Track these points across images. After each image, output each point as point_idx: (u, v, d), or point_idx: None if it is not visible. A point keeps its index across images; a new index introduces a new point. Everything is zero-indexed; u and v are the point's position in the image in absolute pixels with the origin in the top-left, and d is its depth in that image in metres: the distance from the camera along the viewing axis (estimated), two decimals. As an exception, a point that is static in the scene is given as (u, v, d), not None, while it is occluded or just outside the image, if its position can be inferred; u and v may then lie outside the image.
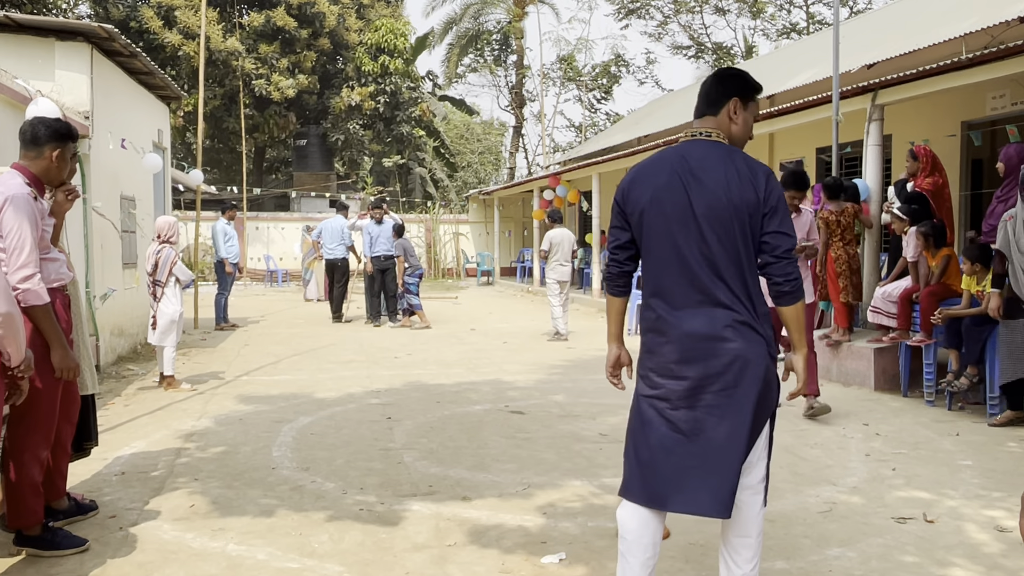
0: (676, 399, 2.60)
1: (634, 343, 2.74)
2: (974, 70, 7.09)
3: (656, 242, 2.65)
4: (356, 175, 32.40)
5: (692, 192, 2.60)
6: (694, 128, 2.77)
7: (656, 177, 2.67)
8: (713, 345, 2.56)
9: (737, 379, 2.55)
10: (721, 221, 2.57)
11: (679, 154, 2.69)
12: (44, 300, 3.41)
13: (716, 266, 2.57)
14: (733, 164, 2.64)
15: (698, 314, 2.58)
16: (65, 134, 3.64)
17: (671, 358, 2.61)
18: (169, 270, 7.26)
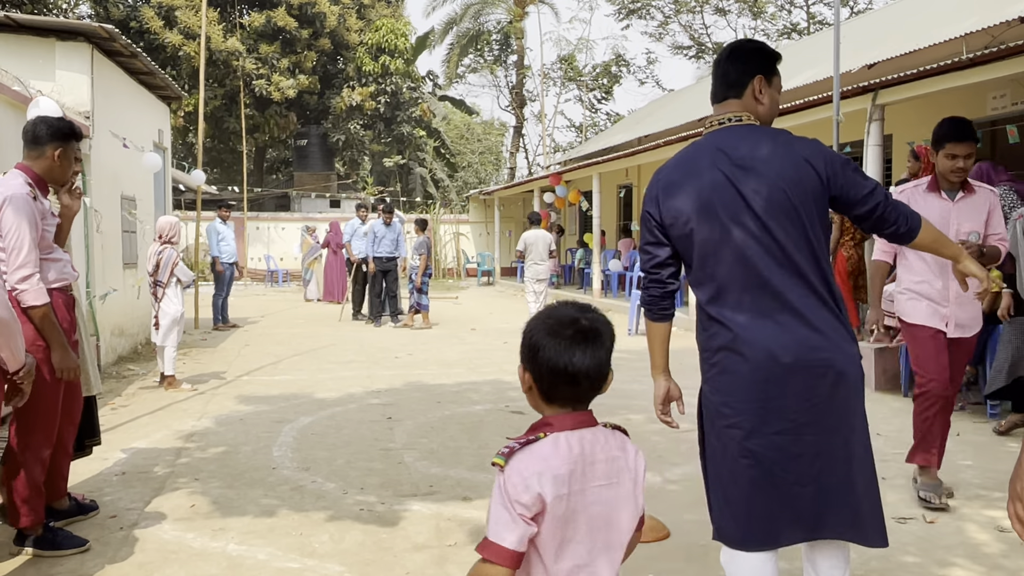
0: (765, 423, 2.27)
1: (635, 343, 2.72)
2: (974, 70, 7.09)
3: (713, 250, 2.31)
4: (356, 175, 32.41)
5: (742, 185, 2.28)
6: (718, 115, 2.46)
7: (696, 178, 2.34)
8: (799, 362, 2.25)
9: (832, 388, 2.27)
10: (785, 211, 2.26)
11: (714, 147, 2.37)
12: (43, 300, 3.41)
13: (789, 263, 2.27)
14: (779, 145, 2.33)
15: (775, 329, 2.26)
16: (68, 133, 3.65)
17: (754, 378, 2.27)
18: (171, 270, 7.26)
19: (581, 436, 1.63)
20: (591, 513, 1.60)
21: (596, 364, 1.62)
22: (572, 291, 18.35)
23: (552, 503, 1.54)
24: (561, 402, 1.65)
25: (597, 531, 1.61)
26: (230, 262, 12.36)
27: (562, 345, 1.60)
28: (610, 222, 20.14)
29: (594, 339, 1.63)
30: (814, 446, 2.28)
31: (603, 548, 1.62)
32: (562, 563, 1.58)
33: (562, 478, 1.56)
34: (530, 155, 37.87)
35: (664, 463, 4.92)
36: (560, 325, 1.63)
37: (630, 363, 8.88)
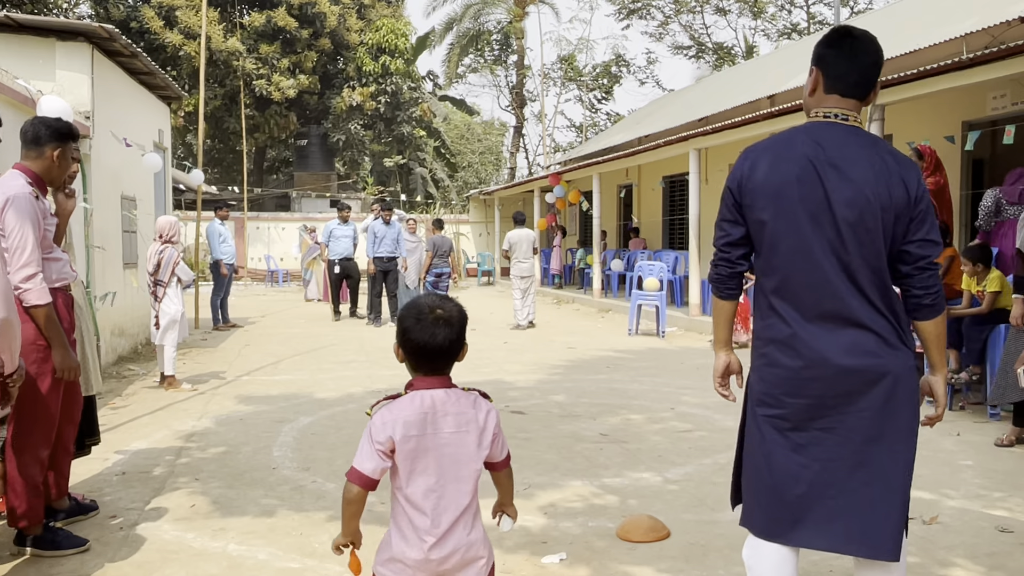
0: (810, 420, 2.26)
1: (635, 343, 2.72)
2: (975, 70, 7.10)
3: (783, 242, 2.26)
4: (357, 175, 32.42)
5: (830, 185, 2.22)
6: (826, 107, 2.35)
7: (786, 165, 2.27)
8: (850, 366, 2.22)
9: (888, 397, 2.22)
10: (864, 222, 2.20)
11: (811, 139, 2.29)
12: (46, 300, 3.42)
13: (854, 274, 2.22)
14: (879, 156, 2.24)
15: (833, 331, 2.23)
16: (66, 134, 3.65)
17: (804, 376, 2.25)
18: (171, 270, 7.26)
19: (434, 395, 2.12)
20: (442, 452, 2.09)
21: (448, 342, 2.14)
22: (572, 291, 18.34)
23: (400, 442, 2.05)
24: (424, 370, 2.16)
25: (446, 466, 2.09)
26: (230, 262, 12.34)
27: (423, 327, 2.11)
28: (610, 222, 20.13)
29: (447, 323, 2.13)
30: (858, 454, 2.25)
31: (452, 479, 2.10)
32: (414, 487, 2.08)
33: (411, 424, 2.06)
34: (530, 155, 37.90)
35: (664, 463, 4.92)
36: (422, 312, 2.13)
37: (630, 363, 8.88)
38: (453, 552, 2.09)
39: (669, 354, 9.52)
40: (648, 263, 12.45)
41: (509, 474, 2.33)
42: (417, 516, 2.09)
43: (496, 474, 2.29)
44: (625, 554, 3.51)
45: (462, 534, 2.10)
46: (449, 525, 2.08)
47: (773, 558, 2.34)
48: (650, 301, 11.52)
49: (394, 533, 2.15)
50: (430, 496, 2.08)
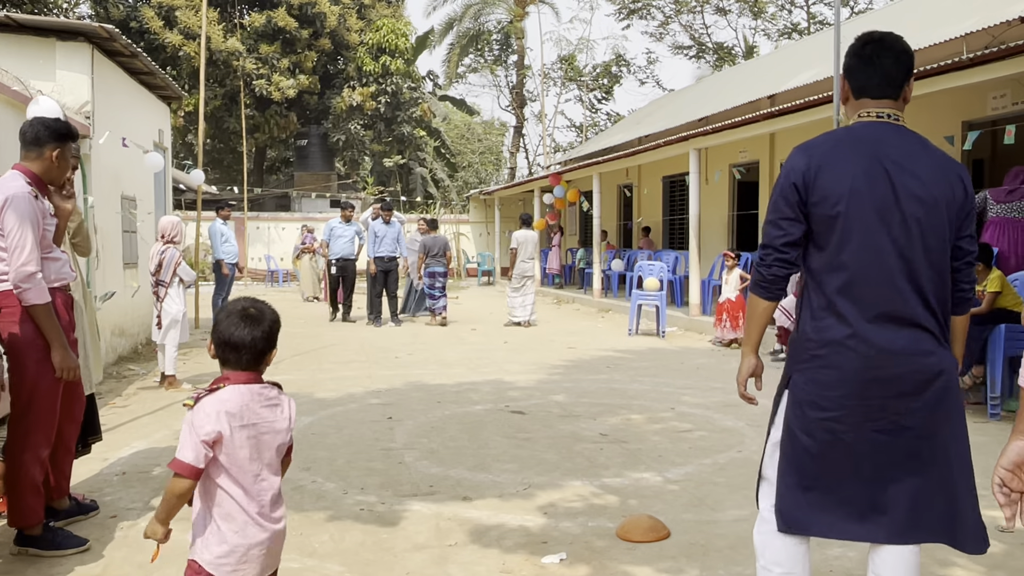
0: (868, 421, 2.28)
1: (635, 343, 2.72)
2: (975, 70, 7.10)
3: (853, 239, 2.25)
4: (357, 175, 32.41)
5: (898, 183, 2.23)
6: (876, 108, 2.36)
7: (854, 163, 2.26)
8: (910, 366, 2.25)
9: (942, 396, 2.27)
10: (930, 220, 2.25)
11: (874, 137, 2.30)
12: (45, 299, 3.42)
13: (916, 273, 2.25)
14: (935, 154, 2.31)
15: (893, 332, 2.25)
16: (65, 134, 3.65)
17: (864, 377, 2.25)
18: (173, 270, 7.26)
19: (250, 388, 2.27)
20: (261, 440, 2.26)
21: (252, 339, 2.26)
22: (572, 291, 18.34)
23: (228, 433, 2.19)
24: (231, 365, 2.28)
25: (264, 453, 2.28)
26: (232, 262, 12.34)
27: (231, 324, 2.25)
28: (610, 222, 20.13)
29: (254, 322, 2.27)
30: (913, 448, 2.28)
31: (268, 464, 2.29)
32: (246, 473, 2.23)
33: (234, 415, 2.21)
34: (530, 155, 37.90)
35: (664, 463, 4.92)
36: (233, 310, 2.29)
37: (630, 363, 8.88)
38: (273, 535, 2.29)
39: (669, 354, 9.52)
40: (648, 263, 12.46)
41: (288, 462, 2.46)
42: (246, 502, 2.24)
43: (285, 460, 2.43)
44: (625, 554, 3.51)
45: (279, 513, 2.33)
46: (271, 507, 2.30)
47: (791, 543, 2.40)
48: (650, 301, 11.52)
49: (222, 525, 2.23)
50: (257, 482, 2.26)
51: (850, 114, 2.44)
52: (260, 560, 2.27)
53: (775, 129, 11.01)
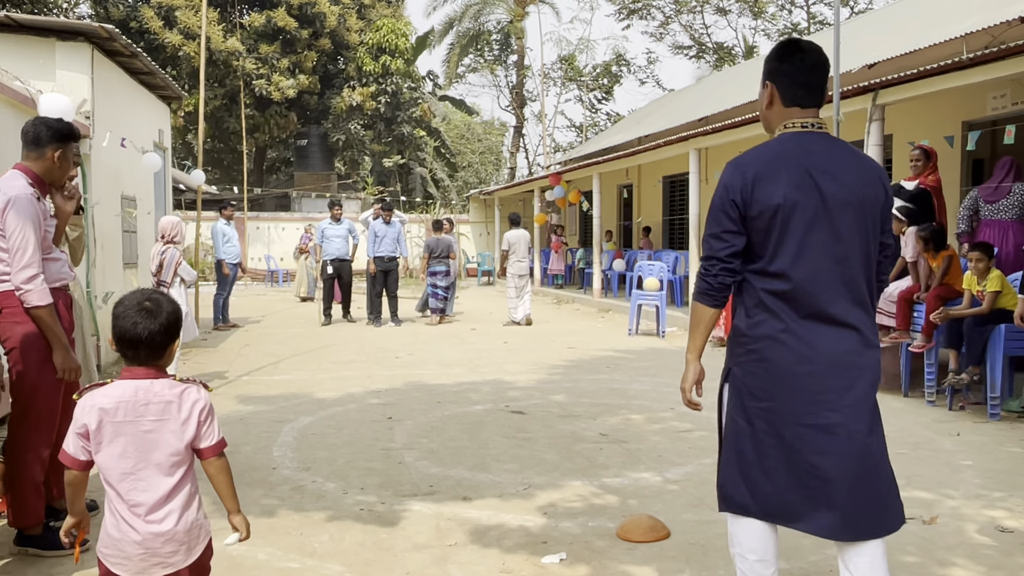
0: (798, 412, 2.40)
1: (635, 343, 2.73)
2: (975, 70, 7.10)
3: (785, 246, 2.41)
4: (357, 175, 32.40)
5: (825, 191, 2.39)
6: (802, 119, 2.50)
7: (786, 175, 2.40)
8: (840, 362, 2.39)
9: (864, 390, 2.41)
10: (856, 222, 2.41)
11: (802, 148, 2.44)
12: (47, 301, 3.42)
13: (848, 275, 2.41)
14: (857, 160, 2.47)
15: (824, 329, 2.39)
16: (67, 134, 3.65)
17: (796, 370, 2.39)
18: (174, 270, 7.26)
19: (139, 384, 2.26)
20: (142, 439, 2.22)
21: (149, 334, 2.26)
22: (572, 291, 18.34)
23: (95, 427, 2.21)
24: (129, 360, 2.31)
25: (145, 451, 2.22)
26: (234, 262, 12.37)
27: (126, 318, 2.26)
28: (610, 222, 20.13)
29: (148, 315, 2.26)
30: (844, 443, 2.39)
31: (152, 463, 2.23)
32: (111, 471, 2.22)
33: (107, 411, 2.21)
34: (530, 155, 37.90)
35: (664, 463, 4.92)
36: (130, 304, 2.29)
37: (630, 363, 8.88)
38: (148, 538, 2.21)
39: (669, 354, 9.51)
40: (648, 263, 12.46)
41: (220, 468, 2.35)
42: (116, 500, 2.24)
43: (204, 463, 2.33)
44: (625, 554, 3.51)
45: (166, 519, 2.23)
46: (149, 509, 2.22)
47: (757, 527, 2.51)
48: (650, 301, 11.53)
49: (108, 517, 2.27)
50: (126, 479, 2.23)
51: (775, 121, 2.56)
52: (141, 558, 2.22)
53: (775, 129, 10.99)
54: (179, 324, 2.35)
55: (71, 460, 2.25)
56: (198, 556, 2.33)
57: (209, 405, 2.32)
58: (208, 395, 2.34)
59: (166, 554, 2.24)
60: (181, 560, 2.27)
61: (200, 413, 2.29)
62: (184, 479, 2.29)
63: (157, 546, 2.23)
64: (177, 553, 2.26)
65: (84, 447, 2.24)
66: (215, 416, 2.35)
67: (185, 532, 2.27)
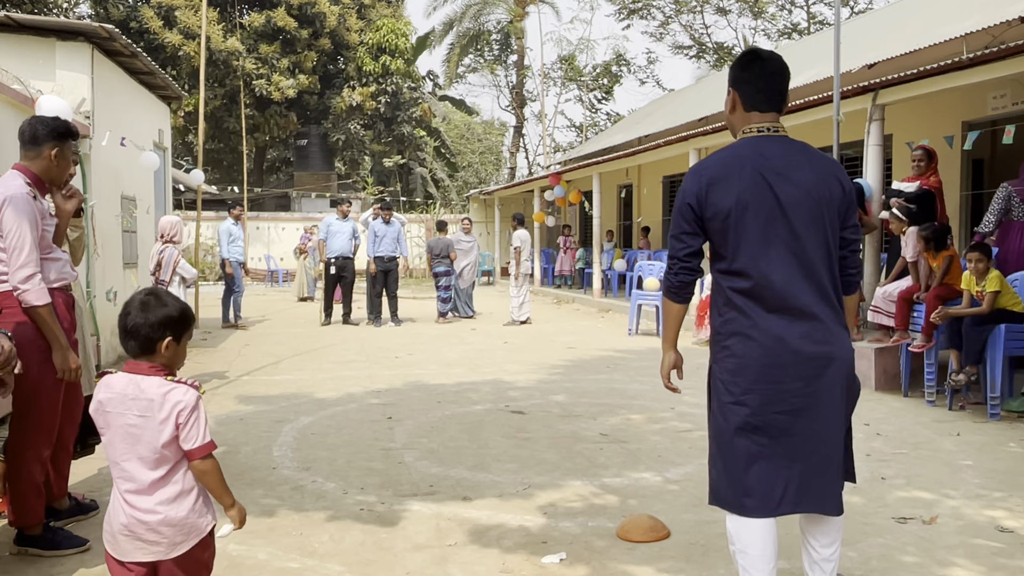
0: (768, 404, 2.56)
1: (635, 343, 2.74)
2: (975, 70, 7.09)
3: (743, 245, 2.56)
4: (357, 175, 32.40)
5: (779, 191, 2.54)
6: (759, 123, 2.66)
7: (738, 178, 2.56)
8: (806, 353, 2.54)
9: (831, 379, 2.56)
10: (812, 218, 2.55)
11: (755, 151, 2.60)
12: (45, 300, 3.42)
13: (808, 269, 2.55)
14: (814, 159, 2.61)
15: (790, 322, 2.54)
16: (64, 133, 3.64)
17: (763, 362, 2.55)
18: (173, 269, 7.27)
19: (130, 378, 2.34)
20: (126, 431, 2.32)
21: (133, 324, 2.33)
22: (573, 291, 18.33)
23: (94, 412, 2.36)
24: (127, 352, 2.39)
25: (130, 443, 2.32)
26: (238, 261, 12.53)
27: (124, 310, 2.35)
28: (610, 222, 20.13)
29: (142, 309, 2.34)
30: (808, 428, 2.57)
31: (135, 456, 2.32)
32: (109, 455, 2.36)
33: (102, 401, 2.34)
34: (530, 155, 37.90)
35: (664, 463, 4.92)
36: (132, 299, 2.38)
37: (630, 363, 8.88)
38: (132, 522, 2.31)
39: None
40: (648, 263, 12.47)
41: (204, 471, 2.40)
42: (115, 481, 2.38)
43: (191, 464, 2.39)
44: (625, 554, 3.51)
45: (149, 511, 2.32)
46: (134, 497, 2.33)
47: (756, 527, 2.61)
48: (650, 301, 11.53)
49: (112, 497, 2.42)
50: (115, 467, 2.36)
51: (737, 125, 2.74)
52: (125, 539, 2.32)
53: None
54: (180, 323, 2.38)
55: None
56: (184, 552, 2.36)
57: (192, 407, 2.32)
58: (194, 398, 2.34)
59: (148, 541, 2.32)
60: (162, 551, 2.32)
61: (179, 415, 2.31)
62: (170, 475, 2.35)
63: (140, 532, 2.31)
64: (159, 544, 2.32)
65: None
66: (201, 419, 2.35)
67: (169, 527, 2.32)
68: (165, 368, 2.37)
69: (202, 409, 2.37)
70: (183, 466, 2.37)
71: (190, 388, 2.35)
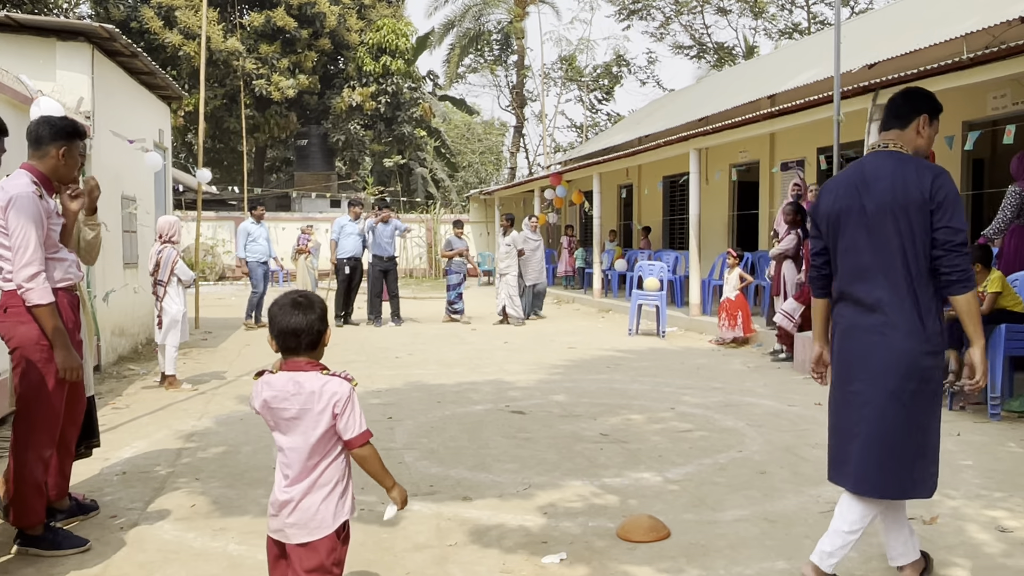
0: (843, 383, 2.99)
1: (635, 343, 2.74)
2: (975, 70, 7.09)
3: (839, 247, 3.02)
4: (357, 175, 32.41)
5: (864, 199, 2.93)
6: (879, 140, 3.08)
7: (838, 189, 3.04)
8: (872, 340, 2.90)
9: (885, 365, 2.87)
10: (894, 223, 2.87)
11: (859, 166, 3.05)
12: (48, 300, 3.42)
13: (885, 264, 2.89)
14: (903, 170, 2.91)
15: (863, 313, 2.94)
16: (71, 132, 3.65)
17: (841, 347, 3.01)
18: (171, 270, 7.27)
19: (289, 375, 2.53)
20: (288, 423, 2.50)
21: (307, 323, 2.52)
22: (573, 291, 18.34)
23: (261, 409, 2.55)
24: (288, 352, 2.57)
25: (294, 435, 2.50)
26: (262, 261, 12.54)
27: (285, 315, 2.53)
28: (611, 222, 20.12)
29: (305, 308, 2.53)
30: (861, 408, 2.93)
31: (298, 447, 2.49)
32: (279, 443, 2.53)
33: (269, 399, 2.51)
34: (530, 155, 37.90)
35: (664, 463, 4.92)
36: (284, 302, 2.57)
37: (630, 363, 8.88)
38: (285, 507, 2.49)
39: (669, 354, 9.51)
40: (648, 263, 12.46)
41: (368, 455, 2.54)
42: (277, 471, 2.57)
43: (352, 452, 2.55)
44: (625, 554, 3.51)
45: (300, 496, 2.49)
46: (288, 484, 2.51)
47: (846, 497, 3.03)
48: (650, 301, 11.52)
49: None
50: (281, 456, 2.53)
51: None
52: (273, 518, 2.52)
53: (775, 129, 11.00)
54: (326, 318, 2.62)
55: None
56: (312, 541, 2.48)
57: (348, 398, 2.49)
58: (349, 389, 2.51)
59: (287, 523, 2.49)
60: (295, 535, 2.48)
61: (336, 405, 2.48)
62: (318, 467, 2.51)
63: (284, 514, 2.49)
64: (294, 527, 2.48)
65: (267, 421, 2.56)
66: (356, 409, 2.51)
67: (301, 513, 2.48)
68: (320, 363, 2.55)
69: (356, 400, 2.53)
70: (327, 460, 2.51)
71: (344, 380, 2.52)
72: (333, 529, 2.49)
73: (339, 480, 2.53)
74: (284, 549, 2.52)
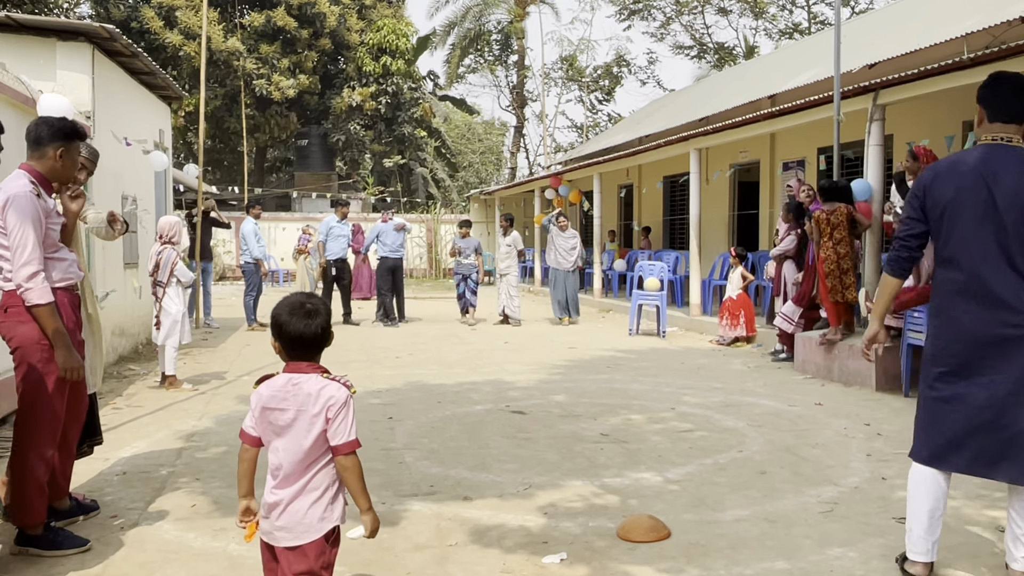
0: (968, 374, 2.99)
1: (636, 343, 2.73)
2: (975, 70, 7.09)
3: (955, 234, 3.01)
4: (357, 175, 32.42)
5: (995, 192, 2.94)
6: (995, 133, 3.05)
7: (960, 178, 3.01)
8: (996, 332, 2.93)
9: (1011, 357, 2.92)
10: (1019, 216, 2.91)
11: (982, 158, 3.02)
12: (47, 299, 3.42)
13: (1012, 259, 2.92)
14: None
15: (982, 303, 2.95)
16: (69, 133, 3.65)
17: (958, 337, 3.00)
18: (170, 270, 7.27)
19: (291, 377, 2.51)
20: (283, 426, 2.49)
21: (315, 330, 2.52)
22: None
23: (259, 412, 2.51)
24: (293, 356, 2.54)
25: (288, 437, 2.49)
26: (252, 261, 12.36)
27: (295, 321, 2.51)
28: (611, 222, 20.12)
29: (314, 314, 2.53)
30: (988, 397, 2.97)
31: (292, 449, 2.49)
32: (271, 448, 2.52)
33: (266, 398, 2.50)
34: (531, 155, 37.90)
35: (665, 463, 4.92)
36: (293, 308, 2.55)
37: (630, 363, 8.88)
38: (274, 509, 2.49)
39: (670, 354, 9.51)
40: (648, 263, 12.46)
41: (349, 466, 2.52)
42: (268, 472, 2.55)
43: (336, 459, 2.52)
44: (625, 554, 3.52)
45: (289, 499, 2.49)
46: (276, 486, 2.51)
47: (924, 473, 3.14)
48: (651, 301, 11.52)
49: None
50: (273, 457, 2.53)
51: (980, 134, 3.14)
52: (264, 520, 2.52)
53: (775, 129, 11.00)
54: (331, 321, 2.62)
55: (247, 436, 2.56)
56: (300, 545, 2.47)
57: (343, 404, 2.47)
58: (345, 395, 2.49)
59: (276, 527, 2.49)
60: (283, 538, 2.47)
61: (330, 409, 2.46)
62: (309, 470, 2.49)
63: (273, 516, 2.49)
64: (282, 530, 2.48)
65: (254, 426, 2.53)
66: (349, 416, 2.48)
67: (289, 517, 2.47)
68: (321, 366, 2.54)
69: (351, 407, 2.49)
70: (318, 464, 2.50)
71: (342, 386, 2.50)
72: (321, 534, 2.47)
73: (329, 486, 2.51)
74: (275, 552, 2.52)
